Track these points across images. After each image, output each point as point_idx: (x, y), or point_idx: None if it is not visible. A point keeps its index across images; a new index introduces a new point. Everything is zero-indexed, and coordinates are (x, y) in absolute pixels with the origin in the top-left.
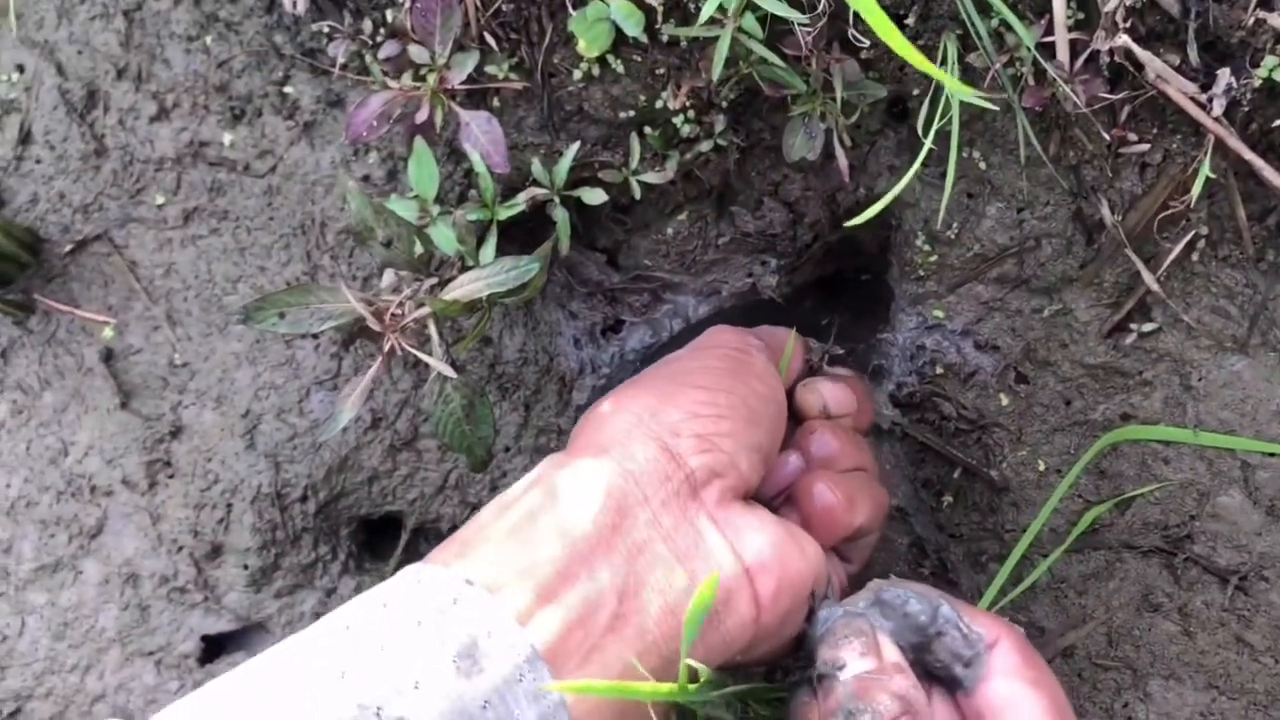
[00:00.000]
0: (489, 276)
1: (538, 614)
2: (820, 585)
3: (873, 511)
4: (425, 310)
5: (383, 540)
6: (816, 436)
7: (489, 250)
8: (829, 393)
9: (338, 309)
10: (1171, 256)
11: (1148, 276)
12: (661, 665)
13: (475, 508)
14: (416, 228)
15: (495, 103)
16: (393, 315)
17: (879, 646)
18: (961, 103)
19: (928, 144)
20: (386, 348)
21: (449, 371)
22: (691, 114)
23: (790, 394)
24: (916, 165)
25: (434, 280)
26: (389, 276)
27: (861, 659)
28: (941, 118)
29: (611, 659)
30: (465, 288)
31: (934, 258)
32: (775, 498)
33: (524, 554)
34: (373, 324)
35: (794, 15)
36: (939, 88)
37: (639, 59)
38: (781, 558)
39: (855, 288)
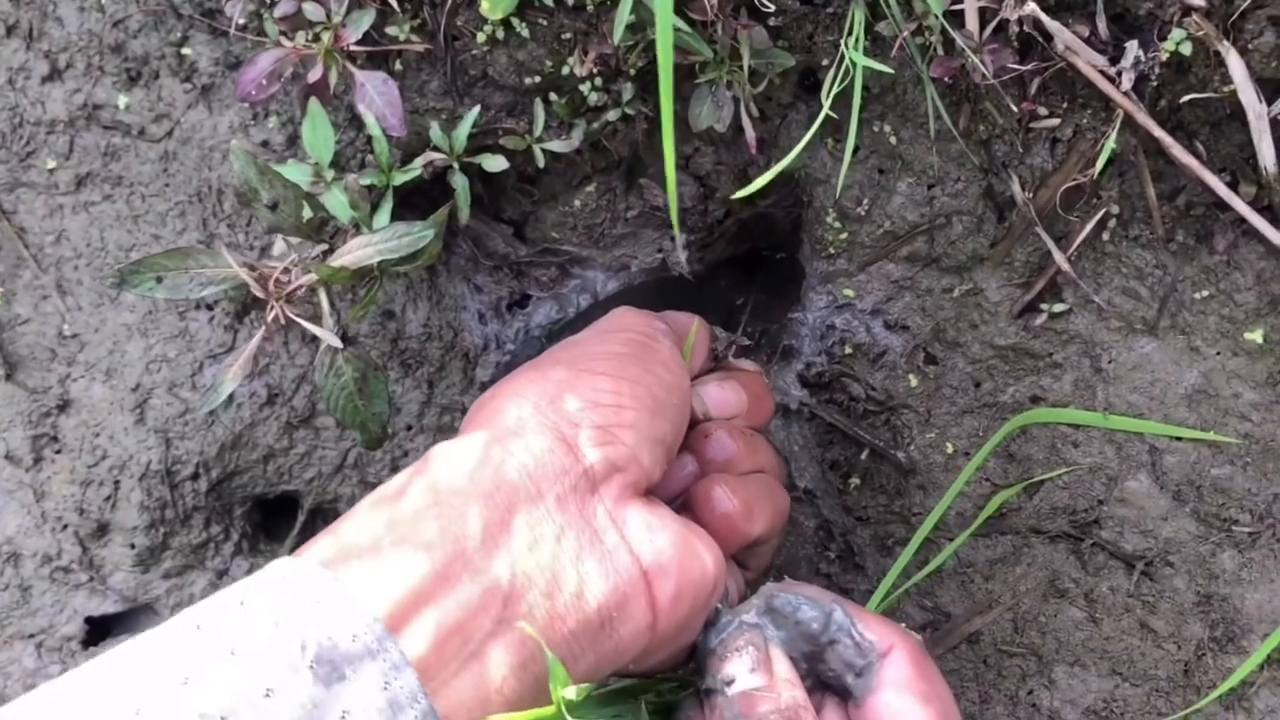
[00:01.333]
0: (380, 243)
1: (412, 618)
2: (719, 592)
3: (772, 519)
4: (312, 277)
5: (279, 521)
6: (713, 439)
7: (383, 217)
8: (711, 397)
9: (219, 274)
10: (1082, 235)
11: (1058, 256)
12: (548, 674)
13: (375, 487)
14: (306, 192)
15: (397, 65)
16: (278, 282)
17: (770, 661)
18: (872, 74)
19: (824, 110)
20: (270, 316)
21: (335, 342)
22: (599, 81)
23: None
24: (811, 132)
25: (325, 247)
26: (280, 244)
27: (751, 674)
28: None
29: (492, 668)
30: (354, 254)
31: (844, 235)
32: (670, 502)
33: (400, 552)
34: (256, 290)
35: None
36: (843, 55)
37: (545, 23)
38: (682, 560)
39: (772, 266)
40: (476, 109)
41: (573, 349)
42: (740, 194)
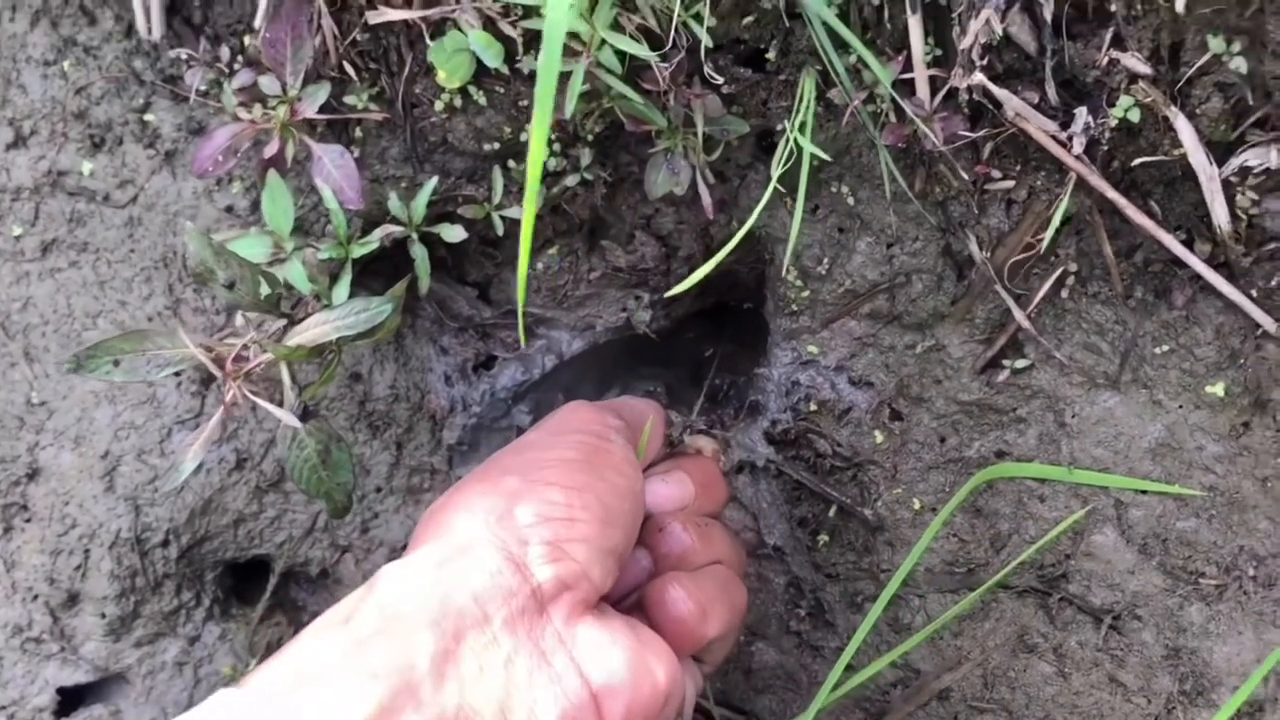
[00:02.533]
0: (338, 319)
1: None
2: (673, 705)
3: (729, 617)
4: (268, 356)
5: (250, 585)
6: (667, 533)
7: (342, 290)
8: (655, 495)
9: (176, 354)
10: (1041, 293)
11: (1018, 313)
12: None
13: (345, 550)
14: (260, 268)
15: (357, 133)
16: (237, 359)
17: None
18: (827, 136)
19: (772, 184)
20: (228, 396)
21: (294, 422)
22: (557, 147)
23: None
24: (761, 205)
25: (285, 321)
26: (240, 318)
27: None
28: (797, 158)
29: None
30: (311, 331)
31: (806, 293)
32: (623, 599)
33: (347, 683)
34: (214, 370)
35: (646, 54)
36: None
37: (501, 90)
38: (634, 678)
39: (739, 317)
40: (434, 180)
41: (523, 455)
42: (678, 289)
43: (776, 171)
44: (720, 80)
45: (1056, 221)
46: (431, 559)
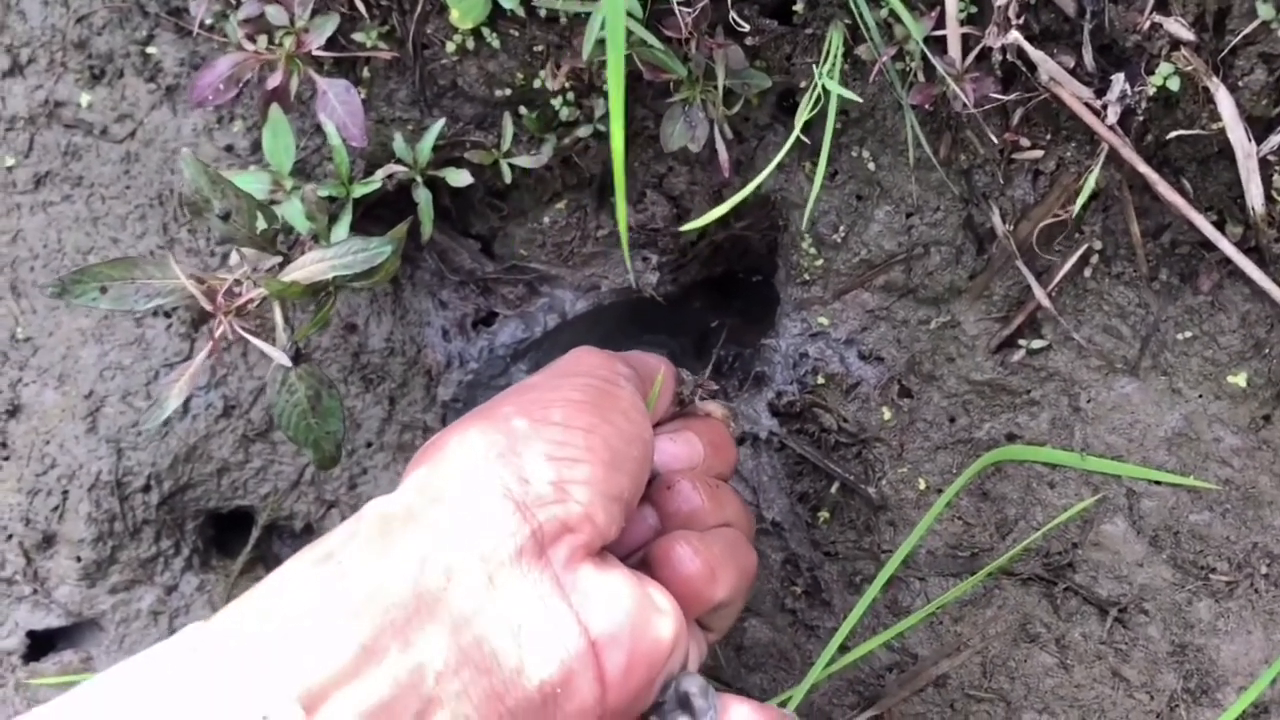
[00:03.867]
0: (335, 258)
1: (332, 697)
2: (677, 660)
3: (738, 580)
4: (263, 291)
5: (232, 536)
6: (676, 490)
7: (341, 229)
8: (662, 453)
9: (166, 285)
10: (1063, 271)
11: (1038, 291)
12: None
13: (331, 505)
14: (259, 202)
15: (365, 73)
16: (228, 295)
17: None
18: (851, 99)
19: (795, 133)
20: (218, 331)
21: (285, 360)
22: (571, 96)
23: None
24: (782, 155)
25: (280, 259)
26: (235, 256)
27: None
28: (822, 112)
29: None
30: (307, 269)
31: (820, 262)
32: (627, 557)
33: (324, 623)
34: (205, 304)
35: None
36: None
37: (516, 34)
38: (635, 628)
39: (749, 289)
40: (441, 122)
41: (526, 394)
42: (691, 225)
43: (801, 119)
44: (745, 29)
45: (1087, 192)
46: (424, 495)
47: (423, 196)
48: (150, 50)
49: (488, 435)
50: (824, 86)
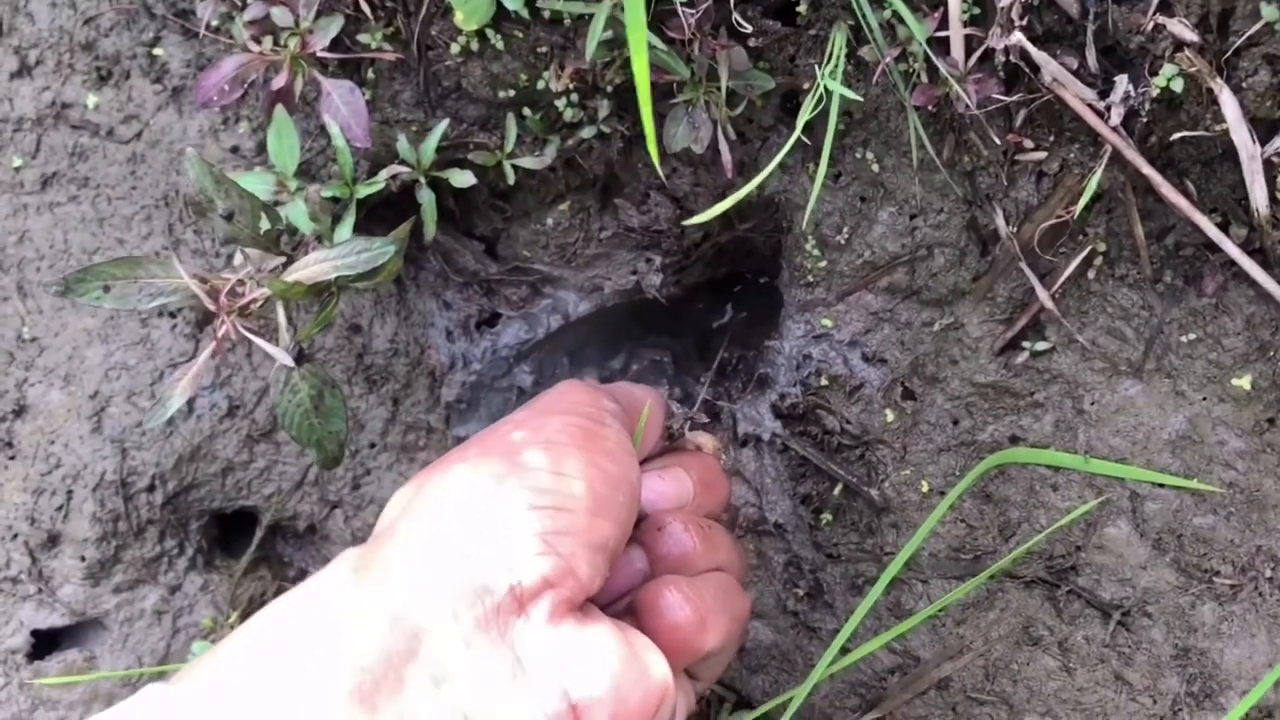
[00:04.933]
0: (337, 258)
1: None
2: (664, 717)
3: (729, 628)
4: (264, 291)
5: (236, 536)
6: (667, 532)
7: (345, 231)
8: (653, 490)
9: (170, 285)
10: (1067, 273)
11: (1042, 293)
12: None
13: (335, 506)
14: (263, 203)
15: (370, 74)
16: (231, 294)
17: None
18: (854, 100)
19: (796, 133)
20: (221, 331)
21: (287, 360)
22: (575, 97)
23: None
24: (782, 154)
25: (283, 259)
26: (239, 256)
27: None
28: (825, 113)
29: None
30: (310, 269)
31: (824, 263)
32: (614, 602)
33: (285, 687)
34: (207, 303)
35: None
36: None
37: (520, 35)
38: (619, 690)
39: (754, 290)
40: (445, 123)
41: (508, 434)
42: (691, 222)
43: (803, 119)
44: (748, 30)
45: (1089, 193)
46: (397, 545)
47: (426, 197)
48: (157, 52)
49: (466, 481)
50: (826, 87)
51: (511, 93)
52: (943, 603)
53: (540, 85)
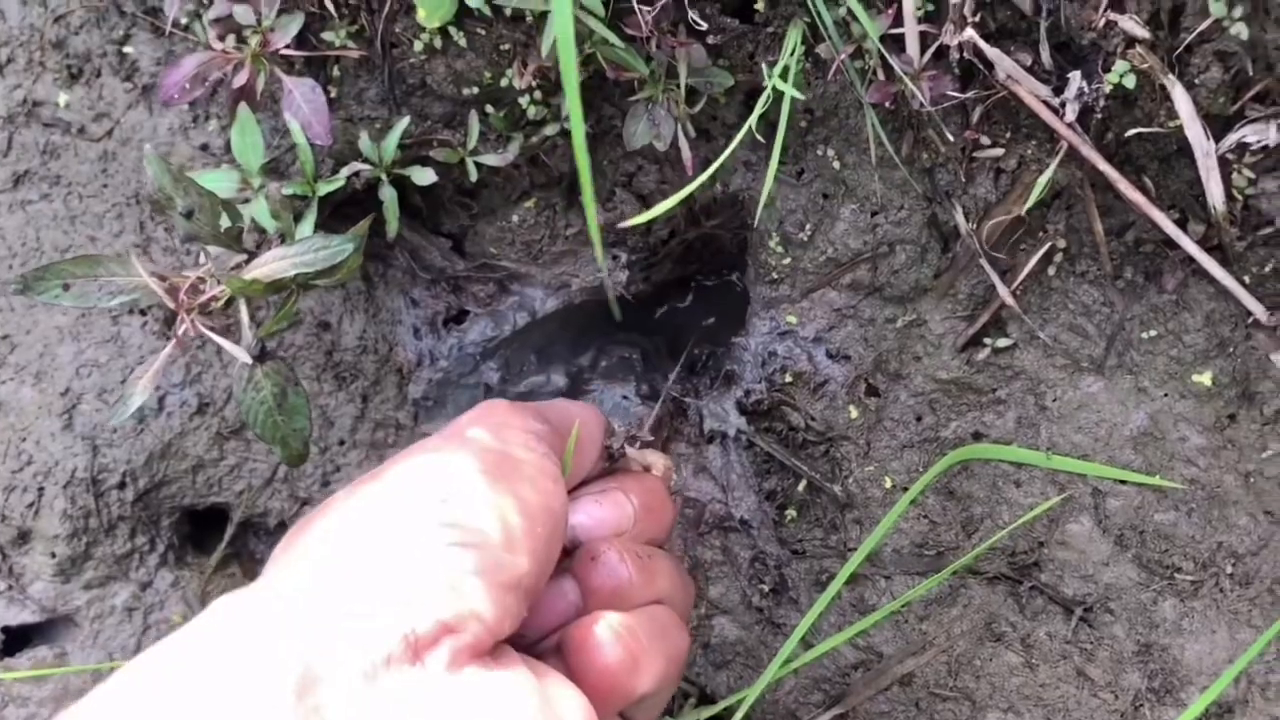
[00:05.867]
0: (296, 255)
1: None
2: None
3: (665, 669)
4: (224, 289)
5: (207, 533)
6: (601, 562)
7: (306, 227)
8: (584, 516)
9: (130, 283)
10: (1027, 269)
11: (1002, 289)
12: None
13: (305, 503)
14: (223, 200)
15: (335, 71)
16: (192, 291)
17: None
18: (815, 97)
19: (747, 126)
20: (181, 329)
21: (246, 358)
22: (538, 95)
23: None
24: (730, 150)
25: (244, 257)
26: (204, 254)
27: None
28: (776, 110)
29: None
30: (269, 266)
31: (787, 260)
32: (542, 639)
33: None
34: (167, 302)
35: None
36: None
37: (483, 33)
38: None
39: (722, 288)
40: (406, 120)
41: (415, 462)
42: (643, 217)
43: (755, 116)
44: (705, 28)
45: (1040, 189)
46: (276, 594)
47: (388, 195)
48: (127, 50)
49: (368, 515)
50: (773, 86)
51: (475, 90)
52: (905, 599)
53: (504, 82)
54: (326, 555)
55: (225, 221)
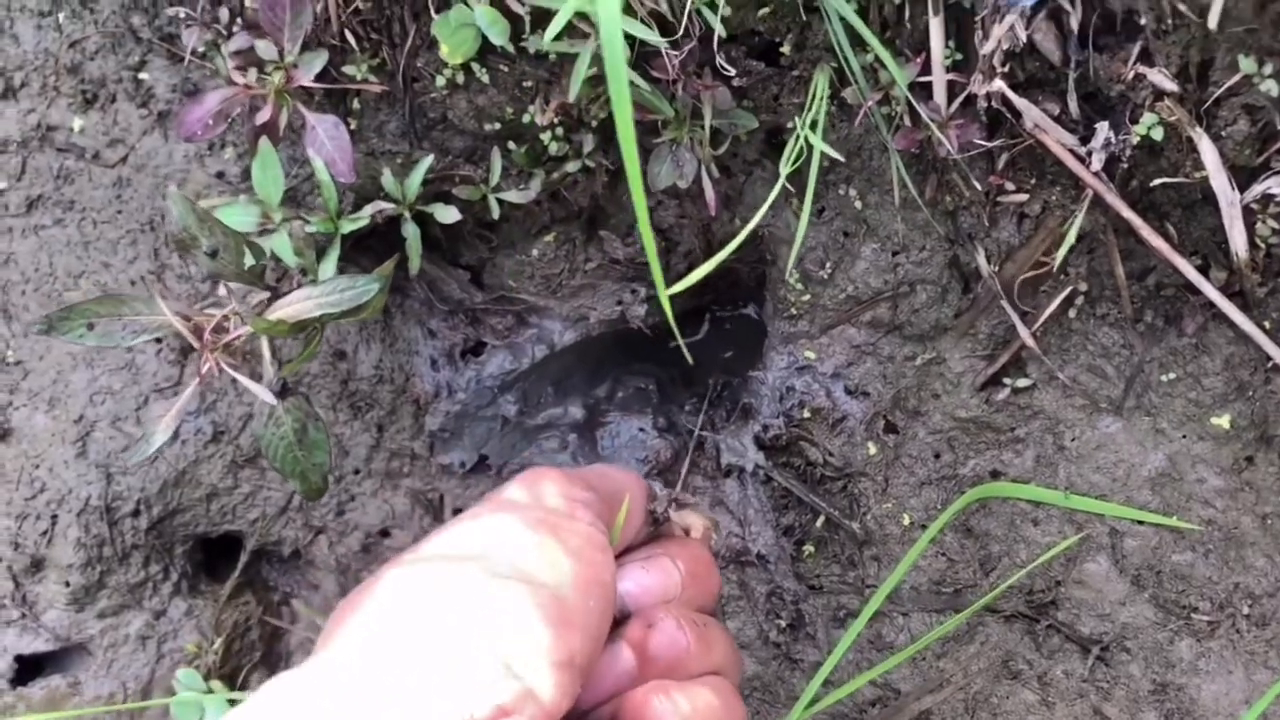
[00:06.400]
0: (321, 296)
1: None
2: None
3: None
4: (248, 329)
5: (220, 561)
6: (659, 630)
7: (329, 265)
8: (632, 585)
9: (153, 322)
10: (1048, 311)
11: (1023, 331)
12: None
13: (319, 531)
14: (245, 237)
15: (355, 104)
16: (217, 330)
17: None
18: (838, 137)
19: (781, 180)
20: (204, 369)
21: (269, 398)
22: (560, 131)
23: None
24: (770, 200)
25: (268, 294)
26: (223, 288)
27: None
28: (799, 157)
29: None
30: (294, 306)
31: (807, 297)
32: (595, 709)
33: None
34: (191, 341)
35: (657, 40)
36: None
37: (506, 69)
38: None
39: (742, 320)
40: (429, 158)
41: (461, 535)
42: (678, 288)
43: (785, 169)
44: (732, 72)
45: (1070, 240)
46: (331, 677)
47: (410, 232)
48: (143, 76)
49: (412, 594)
50: (805, 139)
51: (497, 125)
52: (924, 641)
53: (525, 119)
54: (379, 634)
55: (249, 260)
